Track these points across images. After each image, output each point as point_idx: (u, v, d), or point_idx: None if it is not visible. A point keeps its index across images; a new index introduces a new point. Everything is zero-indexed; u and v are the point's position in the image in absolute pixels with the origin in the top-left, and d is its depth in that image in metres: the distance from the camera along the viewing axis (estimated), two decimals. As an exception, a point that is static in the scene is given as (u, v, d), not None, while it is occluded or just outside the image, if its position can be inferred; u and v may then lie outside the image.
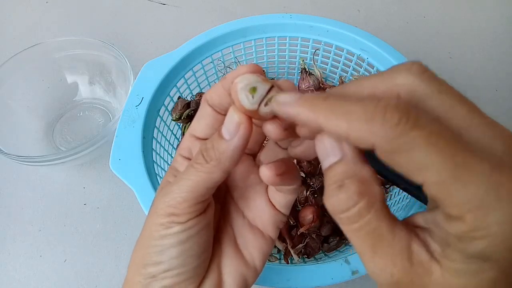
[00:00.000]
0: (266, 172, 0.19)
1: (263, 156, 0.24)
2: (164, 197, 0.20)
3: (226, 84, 0.20)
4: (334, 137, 0.16)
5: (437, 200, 0.14)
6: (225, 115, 0.20)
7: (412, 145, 0.13)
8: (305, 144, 0.20)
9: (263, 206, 0.23)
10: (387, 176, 0.31)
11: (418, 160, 0.13)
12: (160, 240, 0.20)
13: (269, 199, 0.23)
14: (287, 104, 0.17)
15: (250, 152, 0.24)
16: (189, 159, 0.23)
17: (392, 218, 0.16)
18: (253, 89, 0.17)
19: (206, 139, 0.22)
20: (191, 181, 0.20)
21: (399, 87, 0.15)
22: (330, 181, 0.16)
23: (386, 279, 0.15)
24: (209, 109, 0.22)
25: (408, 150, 0.13)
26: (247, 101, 0.18)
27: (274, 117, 0.18)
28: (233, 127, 0.18)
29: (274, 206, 0.23)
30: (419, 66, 0.15)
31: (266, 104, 0.18)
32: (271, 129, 0.18)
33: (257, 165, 0.24)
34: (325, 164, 0.17)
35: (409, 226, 0.16)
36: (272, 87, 0.18)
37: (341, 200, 0.15)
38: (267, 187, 0.24)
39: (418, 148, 0.13)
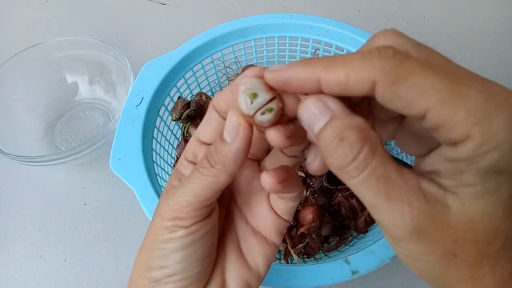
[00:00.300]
0: (267, 180, 0.19)
1: (267, 162, 0.23)
2: (169, 201, 0.20)
3: (235, 89, 0.19)
4: (333, 87, 0.16)
5: (441, 125, 0.14)
6: None
7: (411, 72, 0.14)
8: (319, 158, 0.20)
9: (266, 213, 0.23)
10: None
11: (419, 85, 0.14)
12: (164, 244, 0.20)
13: (271, 205, 0.23)
14: (282, 69, 0.17)
15: (255, 158, 0.24)
16: (194, 162, 0.23)
17: (395, 161, 0.16)
18: (254, 95, 0.17)
19: (211, 143, 0.22)
20: (196, 184, 0.19)
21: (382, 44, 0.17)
22: (328, 139, 0.16)
23: (406, 225, 0.15)
24: (215, 114, 0.21)
25: (408, 77, 0.14)
26: (245, 105, 0.17)
27: (274, 125, 0.18)
28: (233, 130, 0.18)
29: (277, 213, 0.23)
30: (393, 30, 0.17)
31: (263, 113, 0.17)
32: (274, 136, 0.18)
33: (261, 171, 0.23)
34: (316, 127, 0.16)
35: (414, 169, 0.16)
36: (274, 98, 0.17)
37: (345, 151, 0.15)
38: (269, 193, 0.23)
39: (416, 73, 0.14)
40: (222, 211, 0.24)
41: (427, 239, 0.15)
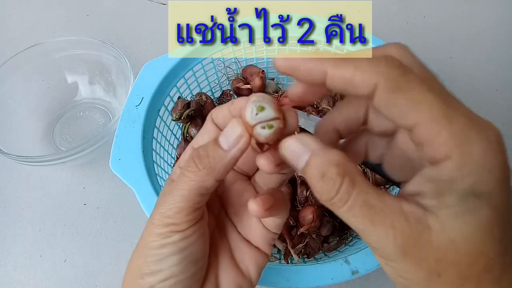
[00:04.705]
0: (254, 207, 0.20)
1: (257, 176, 0.24)
2: (160, 208, 0.20)
3: (233, 109, 0.21)
4: (338, 81, 0.17)
5: (425, 142, 0.15)
6: None
7: (410, 84, 0.15)
8: None
9: (255, 225, 0.24)
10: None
11: (414, 97, 0.15)
12: (158, 250, 0.20)
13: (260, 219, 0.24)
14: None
15: (245, 174, 0.25)
16: None
17: (376, 188, 0.17)
18: (261, 108, 0.18)
19: None
20: (184, 190, 0.20)
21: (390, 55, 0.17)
22: (312, 175, 0.17)
23: (391, 246, 0.16)
24: (213, 126, 0.22)
25: (406, 88, 0.15)
26: (250, 114, 0.18)
27: (269, 148, 0.19)
28: (234, 138, 0.19)
29: (265, 226, 0.24)
30: (405, 46, 0.18)
31: (263, 127, 0.18)
32: (264, 163, 0.19)
33: (252, 185, 0.25)
34: (300, 164, 0.18)
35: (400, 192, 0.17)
36: (277, 118, 0.18)
37: (329, 186, 0.17)
38: None
39: (414, 87, 0.15)
40: (213, 220, 0.24)
41: (412, 259, 0.16)
